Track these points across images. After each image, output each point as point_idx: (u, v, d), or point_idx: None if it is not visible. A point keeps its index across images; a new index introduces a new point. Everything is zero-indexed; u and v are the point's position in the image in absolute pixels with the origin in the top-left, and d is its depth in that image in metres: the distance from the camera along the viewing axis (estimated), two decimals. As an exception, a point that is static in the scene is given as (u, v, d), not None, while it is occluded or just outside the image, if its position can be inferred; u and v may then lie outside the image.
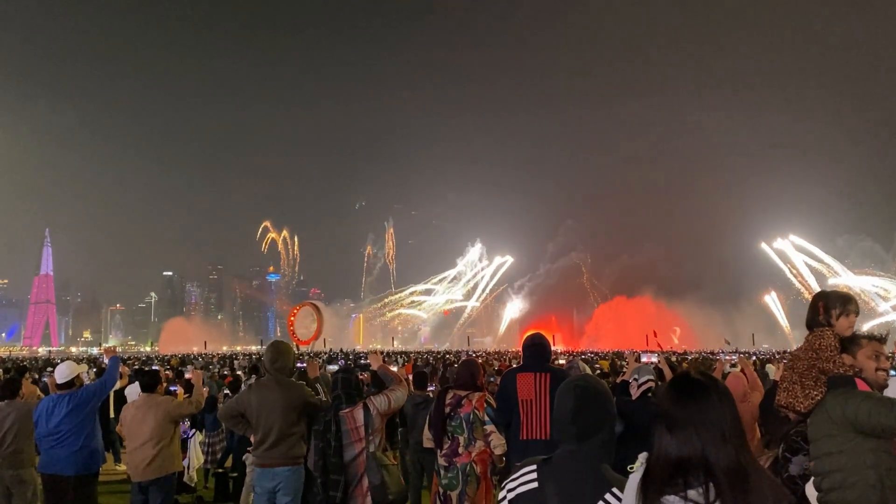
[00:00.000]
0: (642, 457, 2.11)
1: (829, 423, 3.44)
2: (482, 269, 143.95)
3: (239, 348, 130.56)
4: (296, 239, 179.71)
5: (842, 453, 3.37)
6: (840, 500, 3.34)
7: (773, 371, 7.75)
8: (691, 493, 1.93)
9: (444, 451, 5.78)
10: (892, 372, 4.13)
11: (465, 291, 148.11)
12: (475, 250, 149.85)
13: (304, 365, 9.73)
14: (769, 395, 5.87)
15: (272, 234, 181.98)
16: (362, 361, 29.50)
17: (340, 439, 5.18)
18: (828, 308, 3.91)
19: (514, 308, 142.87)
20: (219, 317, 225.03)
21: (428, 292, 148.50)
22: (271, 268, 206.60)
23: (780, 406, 3.95)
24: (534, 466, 2.49)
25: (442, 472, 5.75)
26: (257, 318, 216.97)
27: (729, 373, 7.73)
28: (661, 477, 2.00)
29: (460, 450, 5.70)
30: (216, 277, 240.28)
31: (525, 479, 2.48)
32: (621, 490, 2.21)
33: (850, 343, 3.83)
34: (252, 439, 5.91)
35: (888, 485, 3.29)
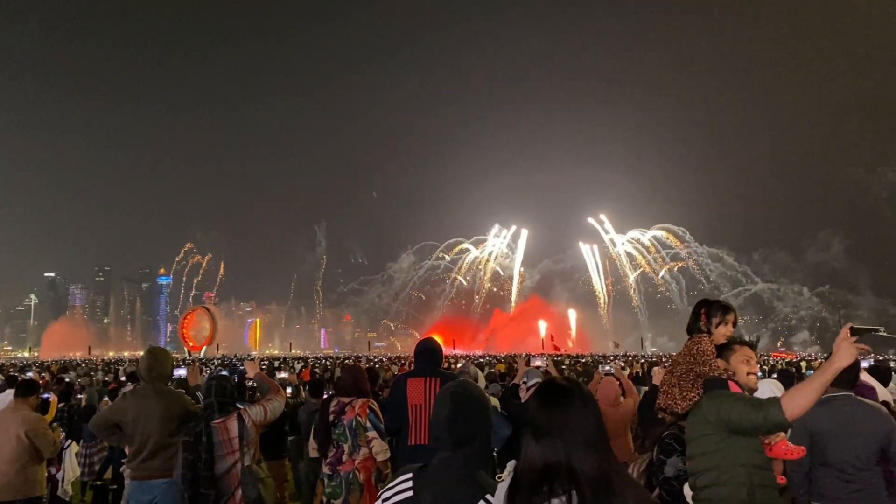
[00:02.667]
0: (510, 465, 2.09)
1: (704, 423, 3.56)
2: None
3: (126, 354, 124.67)
4: (222, 265, 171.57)
5: (716, 452, 3.49)
6: (713, 496, 3.46)
7: (657, 374, 8.06)
8: (555, 502, 1.92)
9: (328, 460, 5.66)
10: (760, 374, 4.34)
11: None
12: (408, 256, 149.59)
13: (183, 371, 9.29)
14: (649, 398, 6.06)
15: (196, 258, 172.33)
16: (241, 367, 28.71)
17: (212, 451, 4.92)
18: (709, 316, 4.07)
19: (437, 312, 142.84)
20: (105, 320, 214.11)
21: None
22: (162, 269, 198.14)
23: (659, 408, 4.08)
24: (409, 475, 2.46)
25: (326, 480, 5.63)
26: (147, 322, 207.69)
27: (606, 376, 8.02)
28: (528, 485, 1.98)
29: (344, 458, 5.59)
30: (103, 279, 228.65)
31: (400, 487, 2.45)
32: None
33: (724, 348, 3.99)
34: (127, 451, 5.59)
35: (756, 482, 3.44)
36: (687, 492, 3.71)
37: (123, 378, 16.42)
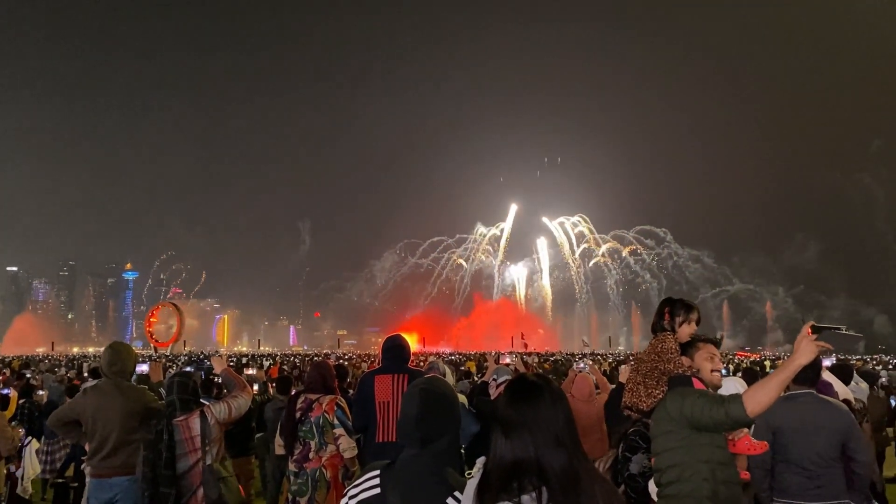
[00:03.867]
0: (480, 462, 2.08)
1: (668, 420, 3.59)
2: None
3: (91, 349, 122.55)
4: (203, 274, 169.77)
5: (679, 448, 3.52)
6: (676, 493, 3.50)
7: (623, 372, 8.18)
8: (524, 499, 1.91)
9: (295, 457, 5.62)
10: (724, 372, 4.40)
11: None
12: (391, 255, 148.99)
13: (146, 367, 9.15)
14: (615, 396, 6.11)
15: (179, 265, 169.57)
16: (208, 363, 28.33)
17: (173, 450, 4.83)
18: (673, 315, 4.10)
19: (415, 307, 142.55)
20: (69, 316, 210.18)
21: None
22: (129, 265, 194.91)
23: (625, 406, 4.11)
24: (377, 472, 2.44)
25: (292, 478, 5.60)
26: (113, 317, 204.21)
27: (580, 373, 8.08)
28: (497, 482, 1.97)
29: (311, 455, 5.56)
30: (67, 274, 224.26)
31: (368, 484, 2.42)
32: None
33: (688, 346, 4.04)
34: (87, 448, 5.48)
35: (719, 478, 3.48)
36: (652, 488, 3.74)
37: (86, 374, 16.13)
